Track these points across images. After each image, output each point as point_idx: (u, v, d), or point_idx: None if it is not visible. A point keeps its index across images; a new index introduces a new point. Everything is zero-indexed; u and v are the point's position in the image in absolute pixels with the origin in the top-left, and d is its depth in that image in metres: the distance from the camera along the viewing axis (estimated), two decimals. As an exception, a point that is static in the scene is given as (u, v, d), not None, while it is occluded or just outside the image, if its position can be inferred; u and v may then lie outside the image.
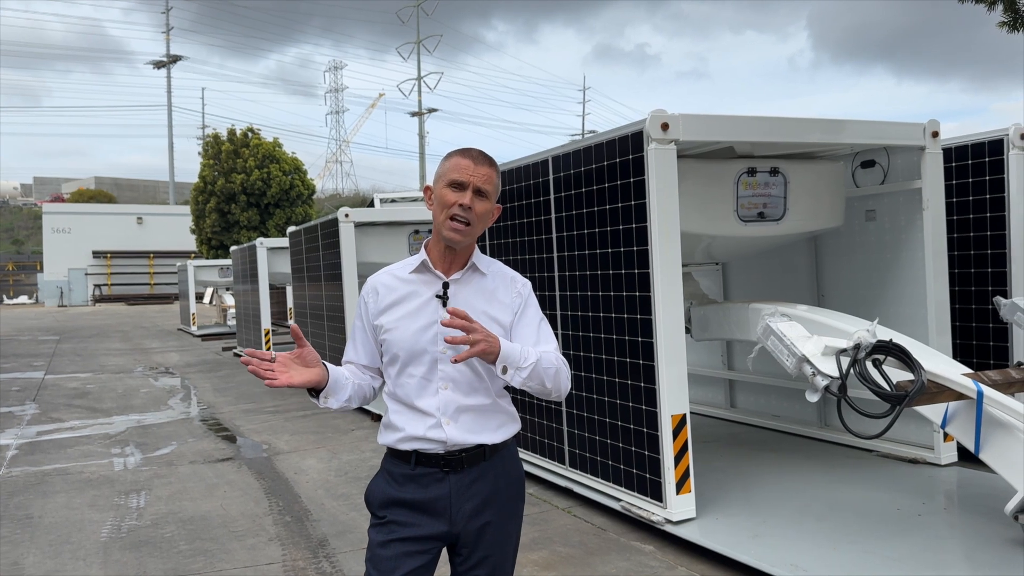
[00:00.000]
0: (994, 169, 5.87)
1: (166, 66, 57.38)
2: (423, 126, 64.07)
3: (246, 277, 15.99)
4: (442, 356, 2.27)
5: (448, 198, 2.26)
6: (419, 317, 2.30)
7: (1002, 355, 5.86)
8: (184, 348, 18.64)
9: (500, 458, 2.35)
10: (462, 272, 2.34)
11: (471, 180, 2.25)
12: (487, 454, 2.31)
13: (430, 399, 2.27)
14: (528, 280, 2.47)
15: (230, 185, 29.62)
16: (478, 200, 2.26)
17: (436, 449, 2.27)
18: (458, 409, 2.28)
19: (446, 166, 2.31)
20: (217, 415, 9.72)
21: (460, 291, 2.32)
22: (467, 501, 2.28)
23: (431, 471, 2.28)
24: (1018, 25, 7.16)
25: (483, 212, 2.28)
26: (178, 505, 5.88)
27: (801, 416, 6.80)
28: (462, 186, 2.25)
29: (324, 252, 10.44)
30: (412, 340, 2.28)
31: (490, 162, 2.31)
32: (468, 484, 2.28)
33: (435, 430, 2.26)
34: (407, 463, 2.29)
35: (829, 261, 6.53)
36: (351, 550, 4.84)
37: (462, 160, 2.28)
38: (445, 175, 2.29)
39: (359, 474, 6.59)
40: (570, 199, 5.35)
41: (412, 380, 2.29)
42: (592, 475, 5.33)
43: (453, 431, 2.26)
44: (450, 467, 2.27)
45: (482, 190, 2.27)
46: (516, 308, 2.37)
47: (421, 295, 2.32)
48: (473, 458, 2.29)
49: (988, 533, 4.18)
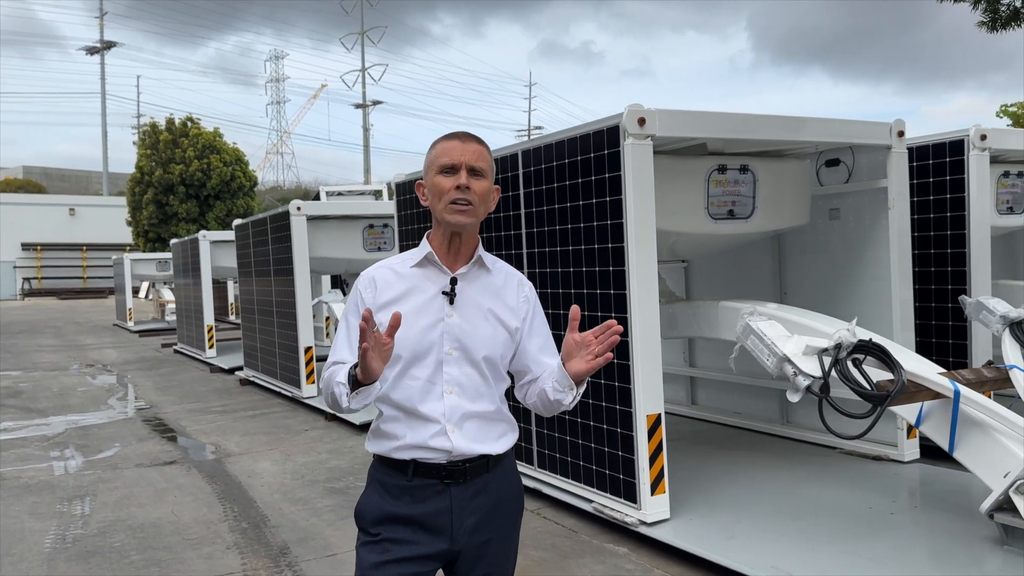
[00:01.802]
0: (955, 169, 5.95)
1: (100, 52, 55.42)
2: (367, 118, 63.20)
3: (187, 271, 15.48)
4: (448, 357, 2.11)
5: (442, 185, 2.09)
6: (424, 315, 2.11)
7: (961, 353, 5.94)
8: (121, 344, 18.01)
9: (502, 470, 2.20)
10: (468, 266, 2.17)
11: (462, 160, 2.09)
12: (490, 465, 2.15)
13: (434, 404, 2.10)
14: (530, 282, 2.34)
15: (168, 176, 28.75)
16: (474, 180, 2.09)
17: (438, 459, 2.09)
18: (464, 415, 2.11)
19: (433, 154, 2.15)
20: (161, 415, 9.35)
21: (466, 288, 2.16)
22: (469, 516, 2.12)
23: (430, 483, 2.10)
24: (997, 25, 7.30)
25: (483, 191, 2.11)
26: (126, 512, 5.59)
27: (762, 413, 6.81)
28: (454, 169, 2.09)
29: (274, 246, 10.13)
30: (416, 340, 2.09)
31: (478, 140, 2.15)
32: (470, 497, 2.12)
33: (439, 438, 2.08)
34: (403, 473, 2.11)
35: (792, 259, 6.54)
36: (314, 558, 4.65)
37: (448, 143, 2.13)
38: (434, 163, 2.13)
39: (316, 477, 6.38)
40: (540, 195, 5.23)
41: (415, 383, 2.10)
42: (562, 476, 5.23)
43: (459, 439, 2.09)
44: (452, 478, 2.10)
45: (476, 168, 2.10)
46: (524, 314, 2.22)
47: (425, 291, 2.14)
48: (476, 469, 2.12)
49: (962, 531, 4.21)
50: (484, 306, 2.15)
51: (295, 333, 9.46)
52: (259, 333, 11.11)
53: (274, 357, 10.44)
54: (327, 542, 4.89)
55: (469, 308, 2.14)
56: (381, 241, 9.98)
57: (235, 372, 12.30)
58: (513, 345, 2.20)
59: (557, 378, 2.11)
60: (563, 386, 2.09)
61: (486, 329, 2.14)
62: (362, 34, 64.67)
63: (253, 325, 11.42)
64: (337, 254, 10.00)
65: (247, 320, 11.81)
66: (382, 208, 9.90)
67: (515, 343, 2.21)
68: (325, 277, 13.50)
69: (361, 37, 64.62)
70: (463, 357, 2.11)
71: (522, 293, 2.25)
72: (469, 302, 2.14)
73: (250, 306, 11.58)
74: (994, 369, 4.33)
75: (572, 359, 2.05)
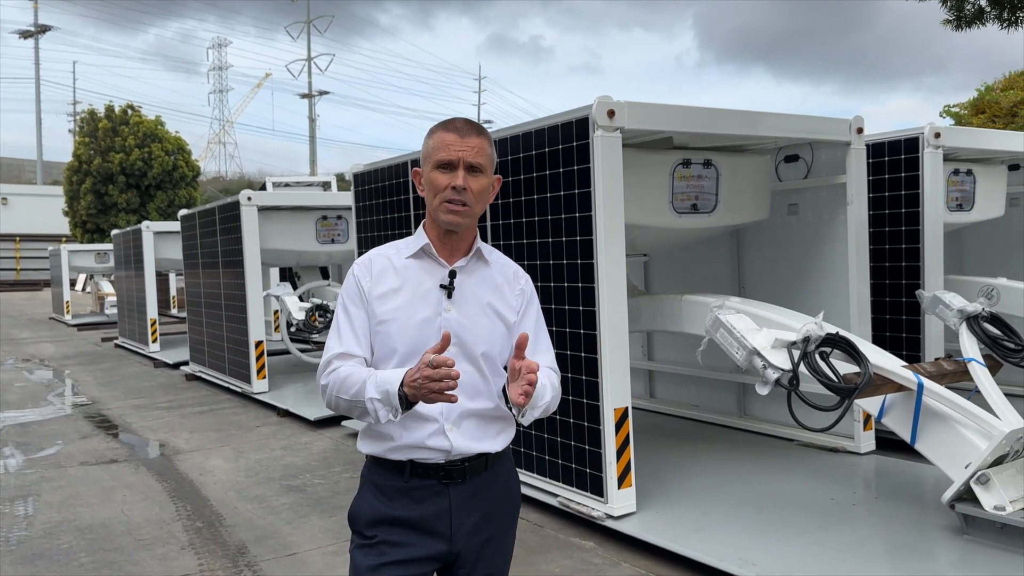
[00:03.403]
0: (909, 166, 6.06)
1: (34, 36, 53.45)
2: (313, 109, 62.30)
3: (129, 263, 15.01)
4: (445, 353, 2.02)
5: (439, 181, 2.01)
6: (421, 308, 2.04)
7: (914, 347, 6.07)
8: (59, 338, 17.40)
9: (500, 467, 2.14)
10: (467, 259, 2.10)
11: (460, 156, 1.99)
12: (488, 463, 2.09)
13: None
14: (528, 275, 2.25)
15: (108, 165, 27.83)
16: (472, 178, 2.00)
17: (435, 459, 2.03)
18: (462, 414, 2.04)
19: (430, 145, 2.05)
20: (104, 411, 9.04)
21: (465, 281, 2.08)
22: (469, 516, 2.06)
23: (428, 483, 2.03)
24: (962, 24, 7.46)
25: (480, 190, 2.03)
26: (73, 512, 5.37)
27: (720, 406, 6.87)
28: (451, 165, 2.00)
29: (223, 237, 9.86)
30: (414, 335, 2.01)
31: (479, 130, 2.05)
32: (470, 497, 2.06)
33: (437, 438, 2.01)
34: (399, 474, 2.03)
35: (751, 254, 6.60)
36: (274, 557, 4.52)
37: (446, 135, 2.02)
38: (431, 155, 2.03)
39: (271, 474, 6.22)
40: (506, 186, 5.17)
41: None
42: (527, 471, 5.19)
43: (458, 438, 2.02)
44: (450, 478, 2.03)
45: (475, 165, 2.01)
46: (519, 307, 2.15)
47: (422, 283, 2.06)
48: (475, 468, 2.06)
49: (922, 521, 4.29)
50: (483, 300, 2.09)
51: (245, 327, 9.23)
52: (206, 327, 10.82)
53: (223, 352, 10.17)
54: (286, 541, 4.76)
55: (468, 302, 2.07)
56: (335, 233, 9.79)
57: (180, 367, 11.97)
58: (511, 339, 2.12)
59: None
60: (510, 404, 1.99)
61: (484, 324, 2.07)
62: (308, 23, 63.69)
63: (200, 319, 11.12)
64: (289, 246, 9.79)
65: (193, 314, 11.49)
66: (336, 200, 9.72)
67: (512, 337, 2.12)
68: (274, 270, 13.22)
69: (307, 26, 63.65)
70: (461, 353, 2.02)
71: (517, 285, 2.18)
72: (468, 296, 2.07)
73: (196, 299, 11.27)
74: (953, 362, 4.41)
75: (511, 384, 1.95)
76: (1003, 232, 7.55)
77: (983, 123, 16.78)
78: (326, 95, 66.58)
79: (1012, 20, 7.44)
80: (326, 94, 66.49)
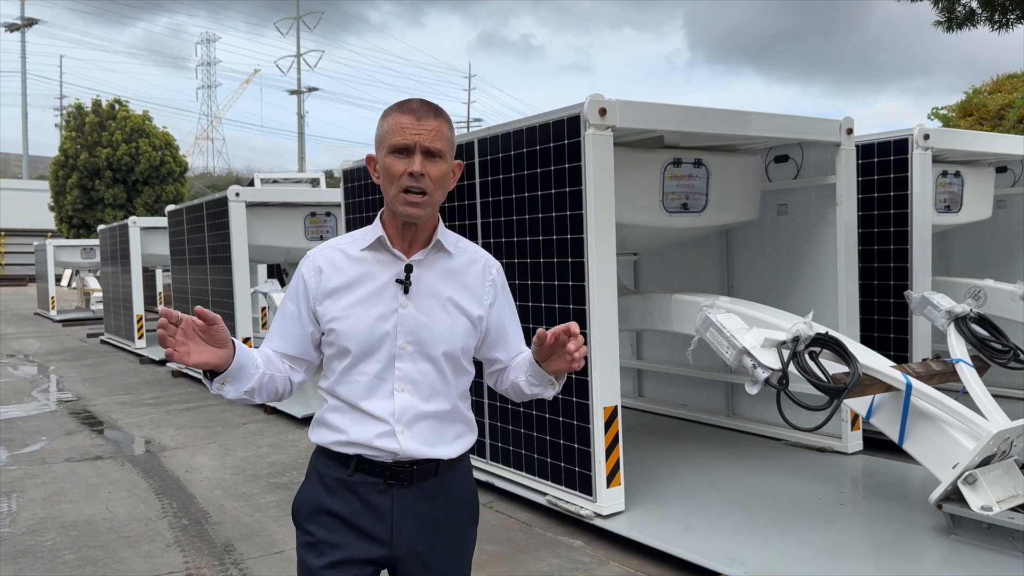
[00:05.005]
0: (898, 167, 6.08)
1: (20, 29, 53.00)
2: (302, 105, 62.01)
3: (116, 258, 14.91)
4: (401, 352, 1.92)
5: (394, 168, 1.86)
6: (375, 305, 1.92)
7: (902, 347, 6.09)
8: (44, 334, 17.27)
9: (453, 474, 2.01)
10: (425, 252, 1.97)
11: (416, 140, 1.84)
12: (440, 469, 1.97)
13: (382, 402, 1.91)
14: (499, 263, 2.17)
15: (94, 160, 27.66)
16: (430, 163, 1.86)
17: (383, 458, 1.92)
18: (416, 416, 1.93)
19: (384, 128, 1.89)
20: (89, 407, 8.97)
21: (423, 275, 1.96)
22: (411, 521, 1.94)
23: (373, 481, 1.92)
24: (953, 25, 7.48)
25: (440, 176, 1.88)
26: (57, 509, 5.33)
27: (708, 405, 6.88)
28: (407, 150, 1.85)
29: (210, 233, 9.81)
30: (367, 332, 1.90)
31: (436, 112, 1.90)
32: (414, 500, 1.94)
33: (386, 439, 1.90)
34: (344, 467, 1.94)
35: (740, 254, 6.61)
36: (260, 555, 4.49)
37: (401, 118, 1.86)
38: (385, 140, 1.88)
39: (258, 472, 6.19)
40: (497, 184, 5.15)
41: (363, 379, 1.92)
42: (516, 469, 5.18)
43: (408, 441, 1.91)
44: (396, 480, 1.92)
45: (432, 150, 1.86)
46: (489, 300, 2.05)
47: (377, 278, 1.94)
48: (424, 472, 1.95)
49: (909, 521, 4.30)
50: (443, 295, 1.97)
51: (232, 323, 9.17)
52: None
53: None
54: (273, 539, 4.73)
55: (426, 298, 1.95)
56: (323, 230, 9.75)
57: (166, 363, 11.90)
58: (477, 334, 2.03)
59: (531, 373, 2.00)
60: (541, 381, 1.99)
61: (444, 321, 1.96)
62: (298, 19, 63.44)
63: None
64: (277, 242, 9.73)
65: (181, 310, 11.41)
66: (325, 196, 9.67)
67: (479, 332, 2.03)
68: (261, 266, 13.16)
69: (297, 22, 63.40)
70: (418, 352, 1.93)
71: (488, 276, 2.06)
72: (426, 290, 1.95)
73: (183, 295, 11.21)
74: (941, 363, 4.43)
75: (550, 360, 1.94)
76: (990, 234, 7.60)
77: (971, 125, 16.88)
78: (315, 91, 66.40)
79: (1003, 22, 7.49)
80: (315, 91, 66.40)
